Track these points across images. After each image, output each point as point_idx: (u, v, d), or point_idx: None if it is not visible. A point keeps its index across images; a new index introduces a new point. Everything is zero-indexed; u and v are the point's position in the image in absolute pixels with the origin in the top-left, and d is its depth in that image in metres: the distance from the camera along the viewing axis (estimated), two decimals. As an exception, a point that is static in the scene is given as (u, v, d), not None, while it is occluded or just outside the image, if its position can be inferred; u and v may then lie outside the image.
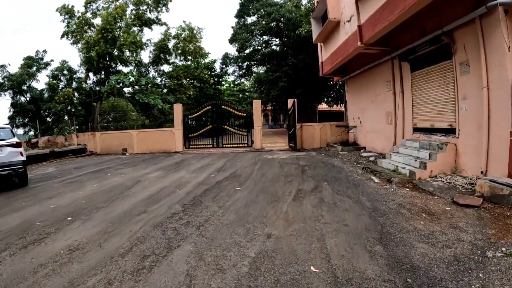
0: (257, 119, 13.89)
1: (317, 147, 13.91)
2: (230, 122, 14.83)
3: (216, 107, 14.35)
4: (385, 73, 10.62)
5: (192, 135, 14.97)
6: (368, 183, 6.60)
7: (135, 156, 14.26)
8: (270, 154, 12.15)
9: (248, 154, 12.47)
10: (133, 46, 19.29)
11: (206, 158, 11.96)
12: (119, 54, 21.13)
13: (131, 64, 24.54)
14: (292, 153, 12.44)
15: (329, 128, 14.08)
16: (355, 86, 13.67)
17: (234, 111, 14.13)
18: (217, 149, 14.36)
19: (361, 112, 12.93)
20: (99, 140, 17.32)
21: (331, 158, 10.73)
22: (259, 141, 13.93)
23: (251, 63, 30.56)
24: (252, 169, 8.69)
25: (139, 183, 7.49)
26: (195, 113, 14.77)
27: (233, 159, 11.18)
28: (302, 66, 23.65)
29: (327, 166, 8.88)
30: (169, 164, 10.71)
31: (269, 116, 61.67)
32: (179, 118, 15.03)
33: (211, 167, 9.36)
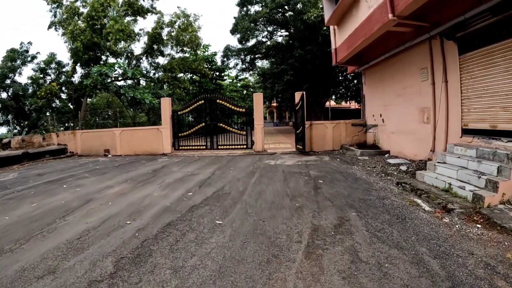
0: (258, 115, 11.65)
1: (329, 150, 11.62)
2: (227, 119, 12.60)
3: (210, 102, 12.14)
4: (420, 58, 8.33)
5: (182, 134, 12.79)
6: (417, 213, 4.35)
7: (115, 160, 12.14)
8: (273, 159, 9.90)
9: (246, 159, 10.24)
10: (120, 34, 17.14)
11: (194, 163, 9.76)
12: (107, 44, 19.01)
13: (122, 56, 22.46)
14: (299, 157, 10.17)
15: (344, 127, 11.78)
16: (375, 77, 11.33)
17: (232, 106, 11.89)
18: (210, 151, 12.16)
19: (384, 108, 10.60)
20: (80, 140, 15.31)
21: (349, 165, 8.45)
22: (261, 142, 11.70)
23: (254, 56, 28.25)
24: (247, 183, 6.44)
25: (87, 205, 5.34)
26: (186, 109, 12.58)
27: (226, 165, 8.95)
28: (310, 59, 21.29)
29: (348, 179, 6.61)
30: (144, 172, 8.53)
31: (274, 113, 59.39)
32: (167, 115, 12.86)
33: (193, 179, 7.15)
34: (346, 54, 10.68)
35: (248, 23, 22.27)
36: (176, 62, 19.90)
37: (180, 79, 20.24)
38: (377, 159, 9.25)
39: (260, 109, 11.65)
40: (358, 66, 12.32)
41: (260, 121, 11.67)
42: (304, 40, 22.28)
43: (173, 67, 19.49)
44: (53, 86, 21.45)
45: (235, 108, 11.86)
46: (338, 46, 11.58)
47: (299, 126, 11.25)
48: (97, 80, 16.11)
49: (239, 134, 11.94)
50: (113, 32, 17.81)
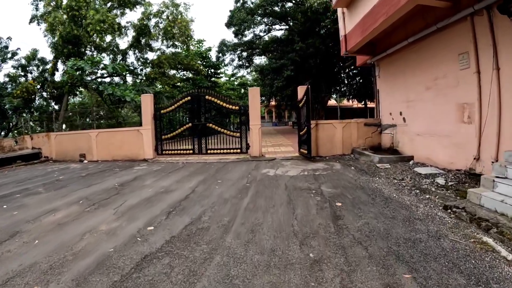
0: (254, 114, 9.84)
1: (339, 154, 9.82)
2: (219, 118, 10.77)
3: (197, 99, 10.31)
4: (458, 41, 6.59)
5: (165, 136, 10.97)
6: (499, 268, 2.58)
7: (87, 167, 10.35)
8: (273, 167, 8.09)
9: (240, 166, 8.42)
10: (101, 25, 15.28)
11: (175, 173, 7.94)
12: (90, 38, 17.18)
13: (107, 51, 20.59)
14: (304, 164, 8.37)
15: (355, 128, 9.98)
16: (393, 68, 9.54)
17: (223, 103, 10.06)
18: (198, 156, 10.34)
19: (405, 105, 8.81)
20: (54, 143, 13.52)
21: (369, 176, 6.66)
22: (258, 145, 9.89)
23: (252, 52, 26.43)
24: (236, 208, 4.61)
25: (6, 243, 3.63)
26: (170, 107, 10.76)
27: (214, 176, 7.13)
28: (311, 53, 19.51)
29: (376, 200, 4.81)
30: (109, 187, 6.71)
31: (273, 112, 57.59)
32: (148, 114, 11.04)
33: (165, 200, 5.33)
34: (360, 40, 8.90)
35: (245, 14, 20.44)
36: (165, 57, 18.03)
37: (169, 75, 18.38)
38: (401, 168, 7.46)
39: (257, 106, 9.84)
40: (371, 56, 10.53)
41: (257, 120, 9.86)
42: (305, 33, 20.49)
43: (162, 62, 17.64)
44: (30, 84, 19.60)
45: (227, 106, 10.03)
46: (349, 32, 9.78)
47: (302, 127, 9.46)
48: (73, 76, 14.24)
49: (232, 136, 10.13)
50: (93, 23, 15.96)
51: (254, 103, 9.82)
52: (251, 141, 9.87)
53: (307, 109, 8.66)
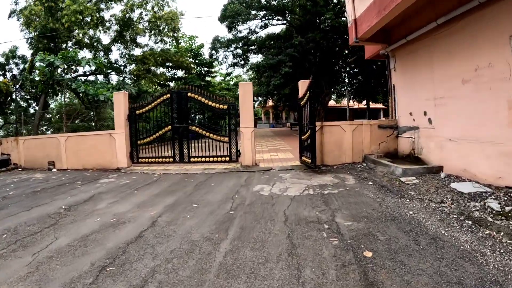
0: (246, 114, 8.13)
1: (348, 163, 8.13)
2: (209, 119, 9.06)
3: (178, 96, 8.57)
4: (509, 20, 4.97)
5: (141, 141, 9.24)
6: None
7: (50, 178, 8.70)
8: (268, 182, 6.37)
9: (227, 181, 6.70)
10: (77, 16, 13.54)
11: (142, 190, 6.21)
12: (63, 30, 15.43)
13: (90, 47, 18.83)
14: (309, 177, 6.66)
15: (368, 131, 8.30)
16: (414, 58, 7.88)
17: (208, 101, 8.33)
18: (180, 166, 8.62)
19: (432, 103, 7.15)
20: (23, 149, 11.80)
21: (395, 197, 4.99)
22: (250, 153, 8.17)
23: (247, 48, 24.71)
24: (204, 268, 2.87)
25: None
26: (146, 106, 9.04)
27: (189, 198, 5.40)
28: (312, 48, 17.85)
29: (420, 244, 3.12)
30: (51, 212, 5.00)
31: (270, 113, 55.93)
32: (121, 115, 9.33)
33: (109, 240, 3.63)
34: (375, 23, 7.22)
35: (238, 5, 18.73)
36: (150, 53, 16.30)
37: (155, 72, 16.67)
38: (433, 183, 5.79)
39: (249, 105, 8.13)
40: (385, 45, 8.87)
41: (249, 122, 8.15)
42: (304, 28, 18.83)
43: (146, 58, 15.92)
44: (4, 83, 17.84)
45: (213, 104, 8.30)
46: (360, 15, 8.10)
47: (305, 129, 7.76)
48: (44, 72, 12.49)
49: (220, 142, 8.40)
50: (69, 14, 14.22)
51: (245, 101, 8.11)
52: (242, 147, 8.15)
53: (311, 108, 6.96)
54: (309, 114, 7.06)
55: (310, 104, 6.93)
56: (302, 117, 7.90)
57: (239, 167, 7.89)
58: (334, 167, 7.80)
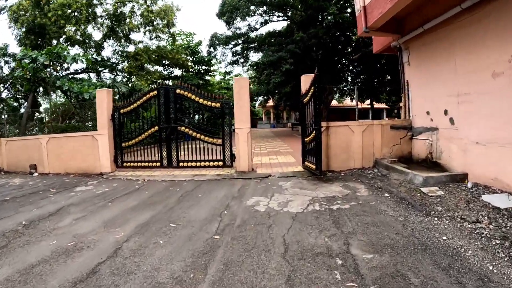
0: (242, 113, 7.19)
1: (357, 168, 7.19)
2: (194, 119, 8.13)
3: (166, 94, 7.64)
4: None
5: (126, 143, 8.33)
6: None
7: (25, 185, 7.83)
8: (265, 193, 5.43)
9: (217, 191, 5.78)
10: (64, 9, 12.66)
11: (118, 202, 5.28)
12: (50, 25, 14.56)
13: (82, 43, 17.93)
14: (313, 186, 5.72)
15: (379, 132, 7.36)
16: (432, 50, 6.94)
17: (199, 99, 7.40)
18: (168, 171, 7.70)
19: (454, 100, 6.21)
20: (5, 151, 10.92)
21: (420, 214, 4.08)
22: (246, 157, 7.23)
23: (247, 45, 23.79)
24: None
25: None
26: (131, 104, 8.14)
27: (168, 214, 4.46)
28: (314, 44, 16.91)
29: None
30: (7, 229, 4.10)
31: (270, 113, 55.00)
32: (104, 114, 8.44)
33: (55, 276, 2.70)
34: (388, 8, 6.29)
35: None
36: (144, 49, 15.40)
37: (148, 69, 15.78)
38: (460, 195, 4.86)
39: (245, 103, 7.19)
40: (398, 36, 7.94)
41: (245, 122, 7.21)
42: (306, 24, 17.90)
43: (139, 54, 15.02)
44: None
45: (204, 102, 7.36)
46: (371, 1, 7.16)
47: (308, 130, 6.83)
48: (26, 68, 11.60)
49: (212, 144, 7.46)
50: (55, 7, 13.33)
51: (241, 98, 7.17)
52: (237, 150, 7.21)
53: (315, 106, 6.02)
54: (313, 113, 6.13)
55: (315, 101, 6.00)
56: (305, 117, 6.96)
57: (233, 174, 6.96)
58: (341, 173, 6.86)
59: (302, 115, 7.17)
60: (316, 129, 5.89)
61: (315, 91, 5.93)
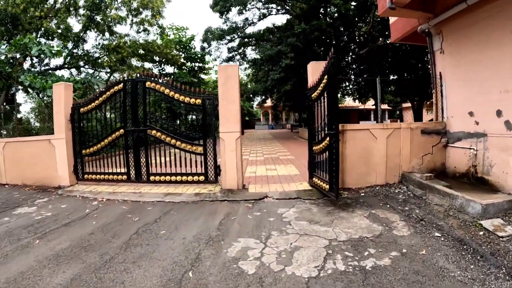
0: (229, 111, 5.46)
1: (380, 185, 5.53)
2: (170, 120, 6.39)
3: (134, 88, 5.94)
4: None
5: (87, 150, 6.66)
6: None
7: None
8: (258, 232, 3.73)
9: (189, 225, 4.08)
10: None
11: (50, 241, 3.58)
12: (20, 14, 12.89)
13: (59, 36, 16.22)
14: (327, 218, 4.04)
15: (408, 138, 5.71)
16: (475, 33, 5.33)
17: (174, 93, 5.67)
18: (135, 187, 6.02)
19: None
20: None
21: (501, 277, 2.37)
22: (235, 171, 5.49)
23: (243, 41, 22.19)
24: None
25: None
26: (92, 102, 6.46)
27: (100, 272, 2.78)
28: (316, 38, 15.27)
29: None
30: None
31: (269, 114, 53.40)
32: (61, 114, 6.76)
33: None
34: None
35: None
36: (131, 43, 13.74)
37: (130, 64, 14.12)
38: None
39: (233, 98, 5.48)
40: (428, 17, 6.30)
41: (233, 124, 5.49)
42: (308, 15, 16.28)
43: (120, 47, 13.33)
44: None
45: (181, 98, 5.60)
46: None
47: (318, 136, 5.17)
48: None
49: (191, 153, 5.75)
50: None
51: (228, 92, 5.48)
52: (223, 162, 5.52)
53: (330, 103, 4.34)
54: (326, 113, 4.46)
55: (330, 96, 4.33)
56: (314, 117, 5.26)
57: (217, 193, 5.26)
58: (360, 192, 5.19)
59: (310, 115, 5.47)
60: (331, 135, 4.22)
61: (330, 82, 4.27)
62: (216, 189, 5.45)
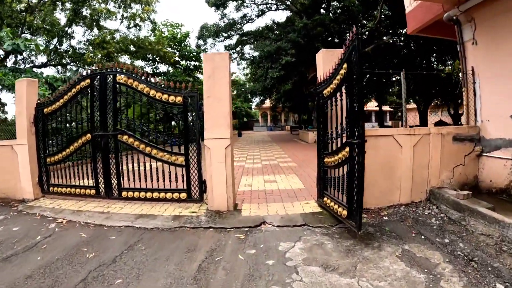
0: (215, 111, 4.32)
1: (405, 204, 4.48)
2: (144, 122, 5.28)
3: (103, 83, 4.87)
4: None
5: (51, 159, 5.60)
6: None
7: None
8: (253, 285, 2.72)
9: (157, 270, 3.06)
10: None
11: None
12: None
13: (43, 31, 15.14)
14: (347, 261, 2.99)
15: (438, 145, 4.67)
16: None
17: (149, 89, 4.60)
18: (105, 204, 4.96)
19: None
20: None
21: None
22: (224, 187, 4.38)
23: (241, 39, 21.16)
24: None
25: None
26: (57, 100, 5.40)
27: None
28: (319, 33, 14.24)
29: None
30: None
31: (267, 115, 52.38)
32: (24, 115, 5.72)
33: None
34: None
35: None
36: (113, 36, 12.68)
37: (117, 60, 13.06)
38: None
39: (223, 95, 4.36)
40: (459, 0, 5.28)
41: (222, 128, 4.36)
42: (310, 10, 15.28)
43: (105, 42, 12.28)
44: None
45: (158, 95, 4.46)
46: None
47: (332, 144, 4.12)
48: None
49: (170, 164, 4.66)
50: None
51: (215, 86, 4.38)
52: (209, 176, 4.43)
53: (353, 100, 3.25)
54: (346, 114, 3.41)
55: (350, 91, 3.27)
56: (326, 120, 4.18)
57: (201, 216, 4.19)
58: (382, 214, 4.15)
59: (321, 117, 4.35)
60: (352, 144, 3.15)
61: (352, 72, 3.20)
62: (200, 210, 4.38)
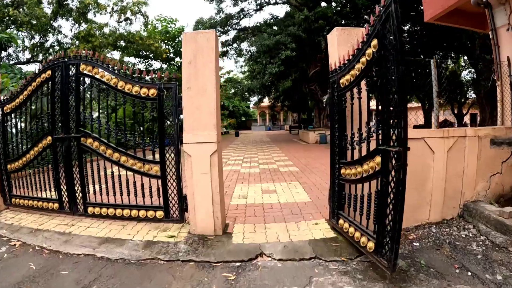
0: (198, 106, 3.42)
1: (436, 223, 3.62)
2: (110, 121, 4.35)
3: (65, 74, 3.99)
4: None
5: (12, 166, 4.71)
6: None
7: None
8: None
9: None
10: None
11: None
12: None
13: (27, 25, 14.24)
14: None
15: (475, 151, 3.81)
16: None
17: (117, 80, 3.73)
18: (69, 221, 4.09)
19: None
20: None
21: None
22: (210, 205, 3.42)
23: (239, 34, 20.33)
24: None
25: None
26: (17, 97, 4.51)
27: None
28: (321, 27, 13.38)
29: None
30: None
31: (266, 114, 51.52)
32: (-26, 114, 4.81)
33: None
34: None
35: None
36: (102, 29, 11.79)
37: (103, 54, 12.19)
38: None
39: (208, 85, 3.41)
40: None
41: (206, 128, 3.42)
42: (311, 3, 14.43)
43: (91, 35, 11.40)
44: None
45: (127, 88, 3.57)
46: None
47: (356, 150, 3.25)
48: None
49: (143, 174, 3.75)
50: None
51: (199, 75, 3.40)
52: (190, 191, 3.49)
53: (390, 89, 2.33)
54: (378, 110, 2.51)
55: (383, 78, 2.38)
56: (343, 118, 3.18)
57: (180, 242, 3.25)
58: (412, 240, 3.28)
59: (338, 114, 3.28)
60: (390, 153, 2.25)
61: (385, 50, 2.30)
62: (180, 235, 3.47)
